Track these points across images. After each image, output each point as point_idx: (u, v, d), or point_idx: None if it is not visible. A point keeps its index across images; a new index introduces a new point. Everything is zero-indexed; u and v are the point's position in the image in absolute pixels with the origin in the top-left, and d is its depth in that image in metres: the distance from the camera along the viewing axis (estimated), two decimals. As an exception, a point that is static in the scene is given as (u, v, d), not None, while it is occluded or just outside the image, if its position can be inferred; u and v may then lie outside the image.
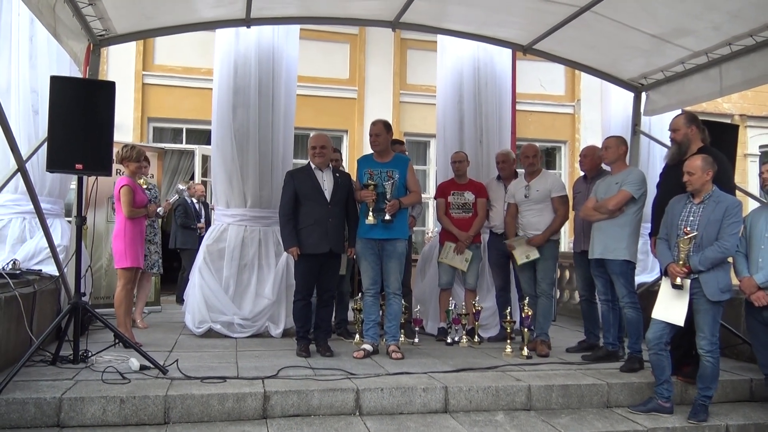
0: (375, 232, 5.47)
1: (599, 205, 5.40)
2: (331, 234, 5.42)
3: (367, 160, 5.70)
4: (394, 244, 5.51)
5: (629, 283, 5.30)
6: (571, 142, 13.41)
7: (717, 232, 4.33)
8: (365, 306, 5.61)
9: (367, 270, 5.55)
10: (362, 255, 5.54)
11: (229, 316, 6.25)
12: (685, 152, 4.92)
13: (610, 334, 5.57)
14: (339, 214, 5.48)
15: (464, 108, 7.40)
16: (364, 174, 5.58)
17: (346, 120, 12.19)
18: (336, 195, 5.48)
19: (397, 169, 5.57)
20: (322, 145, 5.54)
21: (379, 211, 5.44)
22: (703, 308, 4.35)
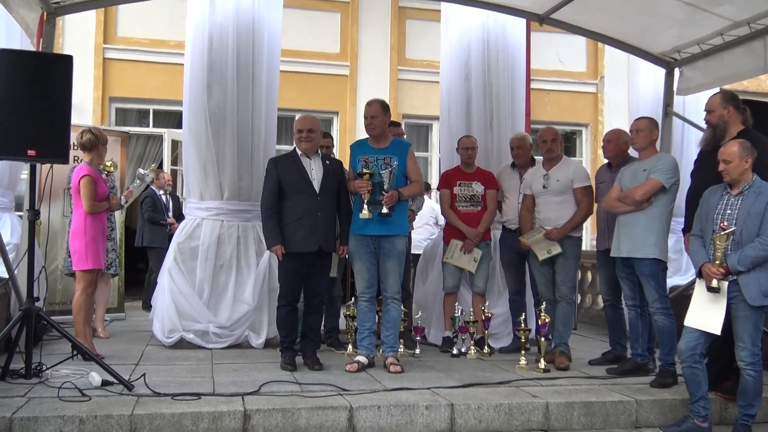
0: (371, 227, 5.47)
1: (624, 195, 5.41)
2: (320, 230, 5.41)
3: (361, 146, 5.70)
4: (393, 241, 5.52)
5: (660, 285, 5.31)
6: (593, 125, 13.45)
7: (758, 227, 4.34)
8: (359, 312, 5.61)
9: (361, 271, 5.55)
10: (356, 254, 5.55)
11: (203, 324, 6.26)
12: (721, 136, 4.94)
13: (639, 345, 5.59)
14: (329, 207, 5.48)
15: (472, 86, 7.41)
16: (358, 161, 5.57)
17: (337, 100, 12.20)
18: (326, 185, 5.48)
19: (396, 155, 5.57)
20: (309, 128, 5.53)
21: (376, 204, 5.44)
22: (742, 314, 4.37)
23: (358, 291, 5.63)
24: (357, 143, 5.81)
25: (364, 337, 5.57)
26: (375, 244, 5.52)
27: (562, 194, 5.98)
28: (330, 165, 5.60)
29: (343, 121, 12.21)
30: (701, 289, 4.51)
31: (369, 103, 5.66)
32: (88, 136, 5.77)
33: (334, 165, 5.66)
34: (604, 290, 6.12)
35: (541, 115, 12.62)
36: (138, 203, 9.68)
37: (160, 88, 11.34)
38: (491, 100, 7.38)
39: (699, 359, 4.48)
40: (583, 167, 6.29)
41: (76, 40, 11.11)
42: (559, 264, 5.95)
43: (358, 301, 5.64)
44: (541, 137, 6.12)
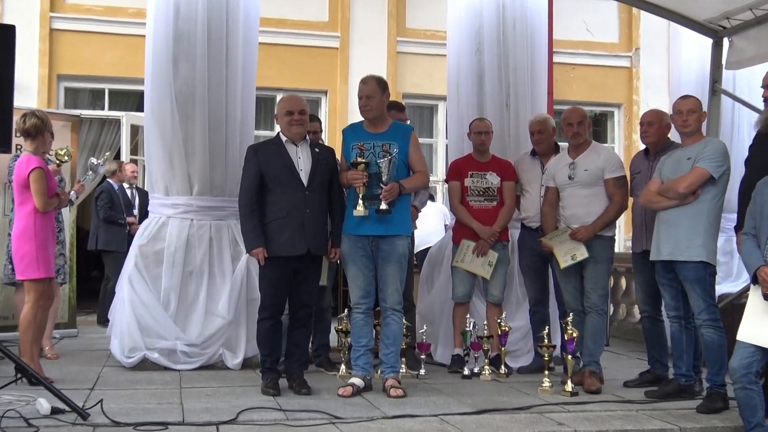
0: (367, 226, 5.46)
1: (666, 187, 5.40)
2: (309, 229, 5.40)
3: (355, 131, 5.69)
4: (393, 242, 5.51)
5: (708, 293, 5.31)
6: (627, 106, 13.47)
7: (825, 225, 4.34)
8: (353, 327, 5.61)
9: (356, 278, 5.54)
10: (350, 258, 5.54)
11: (169, 342, 6.25)
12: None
13: (683, 363, 5.59)
14: (319, 202, 5.47)
15: (484, 60, 7.40)
16: (352, 149, 5.56)
17: (325, 77, 12.20)
18: (316, 177, 5.47)
19: (396, 141, 5.56)
20: (301, 110, 5.54)
21: (372, 199, 5.43)
22: (806, 326, 4.37)
23: (352, 301, 5.62)
24: (350, 127, 5.79)
25: (360, 355, 5.56)
26: (372, 246, 5.52)
27: (592, 186, 5.96)
28: (320, 153, 5.58)
29: (332, 101, 12.21)
30: (756, 297, 4.52)
31: (364, 81, 5.65)
32: (32, 120, 5.74)
33: (325, 153, 5.64)
34: (641, 299, 6.11)
35: (565, 93, 12.63)
36: (92, 199, 9.66)
37: (116, 64, 11.32)
38: (507, 76, 7.37)
39: (754, 379, 4.48)
40: (615, 154, 6.29)
41: (17, 8, 11.09)
42: (588, 269, 5.94)
43: (352, 313, 5.63)
44: (565, 119, 6.11)
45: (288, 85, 11.28)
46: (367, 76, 5.69)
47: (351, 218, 5.50)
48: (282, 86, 11.17)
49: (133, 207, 9.58)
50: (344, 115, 11.82)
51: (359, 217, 5.42)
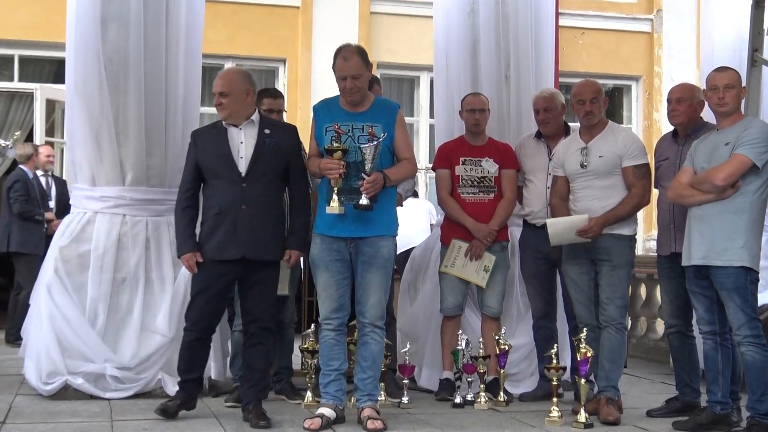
0: (344, 226, 5.44)
1: (700, 179, 5.43)
2: (243, 229, 5.44)
3: (330, 108, 5.65)
4: (377, 244, 5.49)
5: (749, 304, 5.35)
6: (647, 78, 13.58)
7: None
8: (323, 346, 5.58)
9: (328, 287, 5.52)
10: (321, 263, 5.51)
11: (97, 365, 6.20)
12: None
13: (719, 388, 5.61)
14: (261, 196, 5.49)
15: (479, 23, 7.41)
16: (327, 130, 5.53)
17: (284, 43, 12.18)
18: (258, 165, 5.49)
19: (380, 122, 5.54)
20: (221, 91, 5.59)
21: (350, 193, 5.40)
22: None
23: (321, 316, 5.60)
24: (323, 104, 5.74)
25: (330, 380, 5.53)
26: (351, 248, 5.51)
27: (608, 176, 5.98)
28: (270, 135, 5.58)
29: (292, 71, 12.20)
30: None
31: (344, 57, 5.55)
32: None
33: (279, 134, 5.63)
34: (668, 312, 6.15)
35: (573, 63, 12.70)
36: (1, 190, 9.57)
37: (30, 26, 11.22)
38: (507, 43, 7.37)
39: (806, 408, 4.51)
40: (636, 138, 6.31)
41: None
42: (604, 275, 5.96)
43: (321, 329, 5.60)
44: (576, 95, 6.11)
45: (239, 51, 11.26)
46: (348, 50, 5.59)
47: (323, 216, 5.48)
48: (232, 53, 11.15)
49: (49, 199, 9.51)
50: (306, 88, 11.81)
51: (333, 214, 5.39)
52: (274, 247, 5.57)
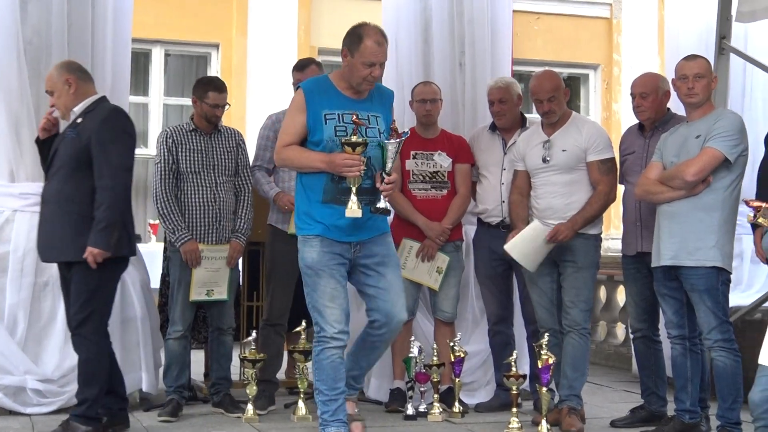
0: (349, 228, 5.16)
1: (670, 174, 5.49)
2: (39, 230, 5.59)
3: (326, 92, 5.29)
4: (385, 242, 5.34)
5: (720, 306, 5.42)
6: (605, 67, 13.70)
7: None
8: (328, 367, 5.17)
9: (336, 296, 5.18)
10: (324, 270, 5.17)
11: (17, 377, 6.14)
12: (814, 83, 5.08)
13: (687, 396, 5.68)
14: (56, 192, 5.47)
15: (431, 6, 7.42)
16: (327, 118, 5.19)
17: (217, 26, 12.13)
18: (55, 159, 5.50)
19: (381, 112, 5.37)
20: (47, 90, 5.65)
21: (359, 193, 5.10)
22: None
23: (327, 331, 5.16)
24: (315, 84, 5.37)
25: (339, 406, 5.19)
26: (356, 251, 5.24)
27: (572, 171, 6.05)
28: (77, 125, 5.53)
29: (226, 57, 12.14)
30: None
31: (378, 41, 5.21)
32: None
33: (86, 123, 5.50)
34: (633, 315, 6.23)
35: (527, 51, 12.76)
36: None
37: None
38: (462, 27, 7.39)
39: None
40: (602, 130, 6.36)
41: None
42: (567, 277, 6.02)
43: (325, 348, 5.18)
44: (533, 94, 6.16)
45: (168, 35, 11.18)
46: (379, 32, 5.27)
47: (325, 215, 5.17)
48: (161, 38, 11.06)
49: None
50: (241, 76, 11.75)
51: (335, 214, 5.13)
52: (65, 246, 5.47)
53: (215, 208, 6.27)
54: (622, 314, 9.05)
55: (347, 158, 5.03)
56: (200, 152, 6.30)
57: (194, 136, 6.34)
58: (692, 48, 7.36)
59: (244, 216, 6.40)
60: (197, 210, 6.24)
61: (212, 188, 6.27)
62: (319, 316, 5.16)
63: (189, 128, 6.37)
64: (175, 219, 6.18)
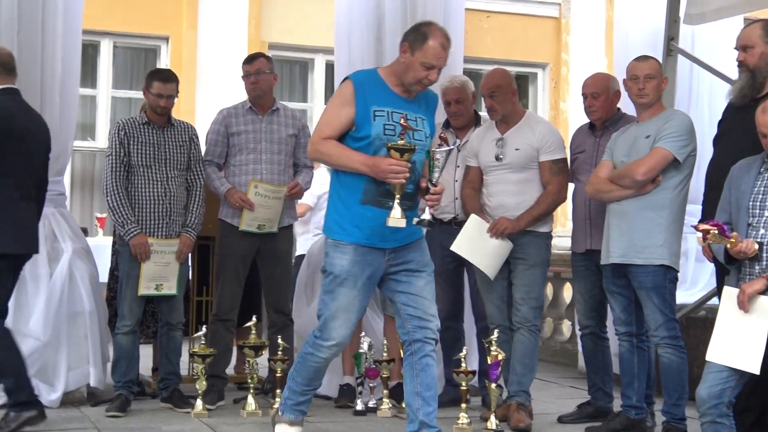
0: (387, 234, 4.82)
1: (620, 173, 5.55)
2: None
3: (378, 86, 4.95)
4: (421, 247, 5.03)
5: (667, 304, 5.50)
6: (554, 66, 13.75)
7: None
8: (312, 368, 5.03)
9: (350, 309, 4.92)
10: (349, 279, 4.87)
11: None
12: (761, 85, 5.14)
13: (634, 392, 5.74)
14: None
15: (384, 2, 7.43)
16: (376, 115, 4.84)
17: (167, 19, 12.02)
18: None
19: (426, 116, 5.04)
20: None
21: (407, 200, 4.83)
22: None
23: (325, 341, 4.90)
24: (366, 78, 4.98)
25: (305, 401, 5.20)
26: (389, 260, 4.95)
27: (524, 170, 6.08)
28: None
29: (176, 51, 12.03)
30: (730, 306, 4.65)
31: (443, 43, 4.88)
32: None
33: None
34: (582, 312, 6.28)
35: (477, 49, 12.74)
36: None
37: None
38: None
39: (726, 411, 4.62)
40: (555, 130, 6.40)
41: None
42: (518, 274, 6.05)
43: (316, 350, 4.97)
44: (487, 84, 6.18)
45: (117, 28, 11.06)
46: (444, 34, 4.93)
47: (361, 222, 4.85)
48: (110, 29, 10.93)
49: None
50: (191, 70, 11.65)
51: (390, 226, 4.76)
52: None
53: (166, 203, 6.22)
54: (569, 311, 9.13)
55: (394, 164, 4.66)
56: (152, 146, 6.24)
57: (147, 129, 6.28)
58: (641, 49, 7.43)
59: (195, 211, 6.36)
60: (148, 204, 6.19)
61: (163, 182, 6.22)
62: (325, 323, 4.89)
63: (142, 121, 6.31)
64: (125, 212, 6.12)
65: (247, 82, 6.61)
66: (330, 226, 4.95)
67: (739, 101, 5.23)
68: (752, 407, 5.13)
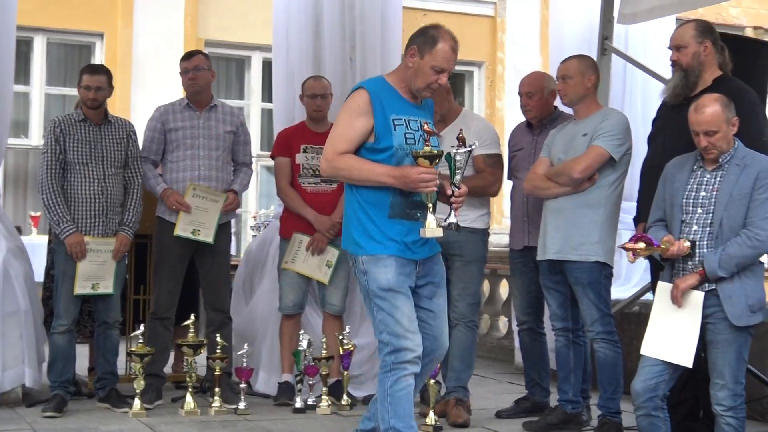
0: (417, 245, 4.58)
1: (557, 171, 5.60)
2: None
3: (390, 94, 4.66)
4: (440, 260, 4.78)
5: (603, 300, 5.58)
6: (489, 65, 13.83)
7: (744, 214, 4.61)
8: (406, 398, 4.56)
9: (414, 317, 4.54)
10: (402, 290, 4.53)
11: None
12: (694, 84, 5.22)
13: (570, 387, 5.81)
14: None
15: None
16: (396, 124, 4.56)
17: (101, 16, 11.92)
18: None
19: (430, 120, 4.77)
20: None
21: (418, 207, 4.61)
22: (722, 338, 4.62)
23: (407, 355, 4.45)
24: (380, 86, 4.66)
25: None
26: (417, 272, 4.66)
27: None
28: None
29: (110, 48, 11.92)
30: (663, 304, 4.74)
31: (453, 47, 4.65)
32: None
33: None
34: (519, 308, 6.35)
35: (413, 47, 12.78)
36: None
37: None
38: (353, 21, 7.41)
39: (661, 404, 4.70)
40: (490, 127, 6.46)
41: None
42: (455, 270, 6.07)
43: (400, 378, 4.47)
44: None
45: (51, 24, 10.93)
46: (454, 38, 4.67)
47: (391, 232, 4.53)
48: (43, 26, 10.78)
49: None
50: (126, 67, 11.56)
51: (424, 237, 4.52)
52: None
53: (103, 201, 6.14)
54: (505, 308, 9.20)
55: (424, 172, 4.40)
56: (89, 143, 6.16)
57: (83, 126, 6.20)
58: (576, 48, 7.53)
59: (132, 209, 6.28)
60: (84, 202, 6.11)
61: (100, 180, 6.14)
62: (397, 341, 4.42)
63: (78, 118, 6.22)
64: (60, 210, 6.04)
65: (185, 79, 6.56)
66: (359, 242, 4.55)
67: (672, 100, 5.31)
68: (685, 400, 5.20)
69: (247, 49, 12.43)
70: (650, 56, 8.08)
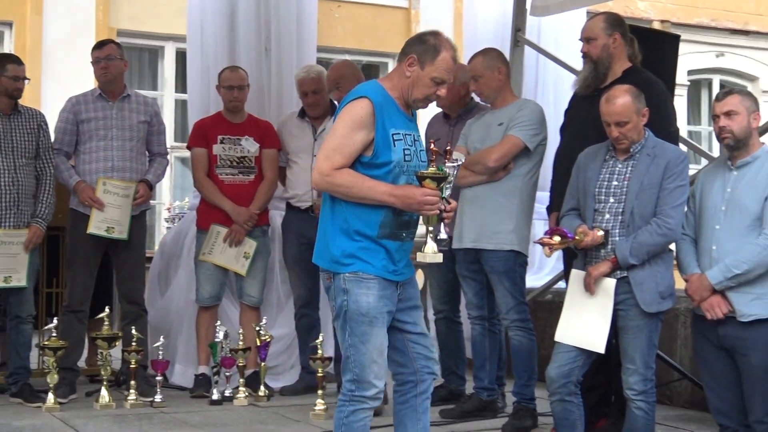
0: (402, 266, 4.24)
1: (473, 159, 5.65)
2: None
3: (391, 106, 4.20)
4: (415, 283, 4.50)
5: (518, 288, 5.65)
6: (392, 55, 13.84)
7: (654, 203, 4.72)
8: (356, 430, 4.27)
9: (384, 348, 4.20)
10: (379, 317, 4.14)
11: None
12: (604, 76, 5.30)
13: (485, 374, 5.88)
14: None
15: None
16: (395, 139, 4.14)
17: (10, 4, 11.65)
18: None
19: (417, 131, 4.42)
20: None
21: (407, 227, 4.27)
22: (633, 324, 4.72)
23: (367, 392, 4.15)
24: (382, 97, 4.15)
25: None
26: (399, 295, 4.33)
27: None
28: None
29: (20, 36, 11.69)
30: (576, 292, 4.82)
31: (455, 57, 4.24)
32: None
33: None
34: (436, 297, 6.41)
35: (329, 38, 12.76)
36: None
37: None
38: (268, 13, 7.41)
39: (575, 390, 4.79)
40: (410, 118, 6.46)
41: None
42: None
43: (356, 411, 4.18)
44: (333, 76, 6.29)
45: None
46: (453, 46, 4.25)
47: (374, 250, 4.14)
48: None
49: None
50: (36, 56, 11.33)
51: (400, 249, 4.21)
52: None
53: (14, 192, 6.03)
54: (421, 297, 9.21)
55: (429, 194, 4.04)
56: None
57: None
58: (489, 39, 7.65)
59: (45, 200, 6.19)
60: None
61: (11, 171, 6.03)
62: (361, 372, 4.11)
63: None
64: None
65: (97, 68, 6.46)
66: (341, 260, 4.12)
67: (583, 91, 5.38)
68: (598, 385, 5.28)
69: (160, 39, 12.28)
70: (562, 48, 8.21)
